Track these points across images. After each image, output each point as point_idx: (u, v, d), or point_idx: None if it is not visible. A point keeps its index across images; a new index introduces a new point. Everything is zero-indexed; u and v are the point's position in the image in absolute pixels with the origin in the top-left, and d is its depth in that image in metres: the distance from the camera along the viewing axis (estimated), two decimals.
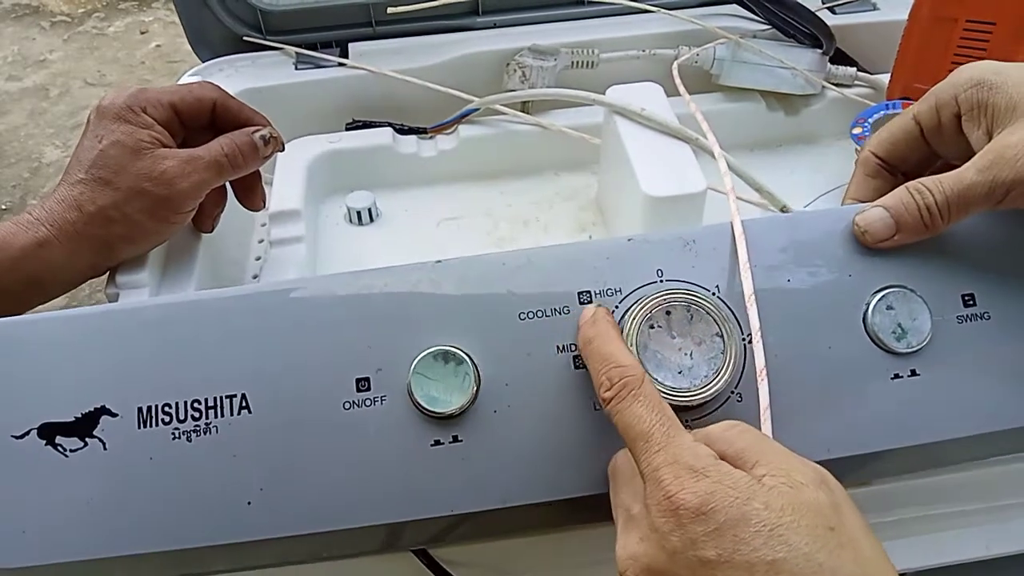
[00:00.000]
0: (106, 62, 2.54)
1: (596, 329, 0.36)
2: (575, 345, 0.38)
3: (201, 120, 0.53)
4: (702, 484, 0.30)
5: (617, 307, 0.38)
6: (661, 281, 0.39)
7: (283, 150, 0.55)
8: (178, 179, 0.49)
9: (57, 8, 2.77)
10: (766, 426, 0.36)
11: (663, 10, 0.75)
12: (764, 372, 0.36)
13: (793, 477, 0.30)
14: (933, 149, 0.42)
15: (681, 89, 0.61)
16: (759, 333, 0.37)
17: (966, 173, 0.37)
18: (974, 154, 0.38)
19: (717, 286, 0.39)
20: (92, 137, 0.49)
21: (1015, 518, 0.47)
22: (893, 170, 0.43)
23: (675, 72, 0.63)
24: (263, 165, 0.55)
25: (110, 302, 0.49)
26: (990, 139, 0.38)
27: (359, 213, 0.66)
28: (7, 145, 2.25)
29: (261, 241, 0.63)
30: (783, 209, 0.57)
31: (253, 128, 0.54)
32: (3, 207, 2.07)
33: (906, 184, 0.38)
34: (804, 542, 0.28)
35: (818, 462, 0.36)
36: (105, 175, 0.48)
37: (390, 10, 0.73)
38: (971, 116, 0.39)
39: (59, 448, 0.37)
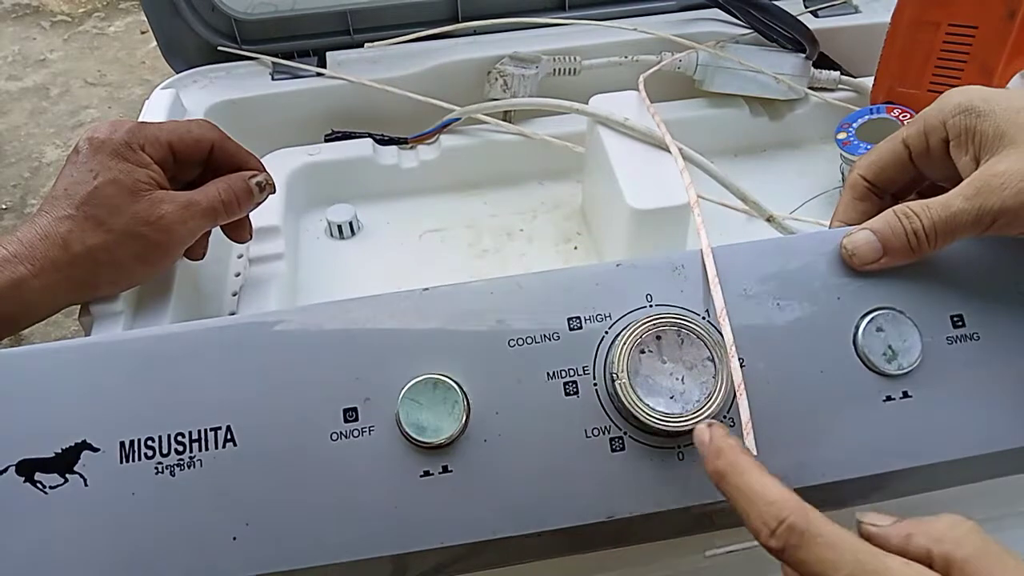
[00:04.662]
0: (106, 62, 2.50)
1: (725, 461, 0.32)
2: (566, 371, 0.37)
3: (196, 159, 0.51)
4: None
5: (607, 332, 0.38)
6: (651, 306, 0.38)
7: (274, 192, 0.54)
8: (175, 225, 0.47)
9: (57, 8, 2.73)
10: (749, 440, 0.36)
11: (645, 16, 0.75)
12: (750, 425, 0.36)
13: None
14: (921, 171, 0.42)
15: (646, 102, 0.60)
16: (742, 387, 0.36)
17: (954, 200, 0.37)
18: (961, 177, 0.38)
19: (707, 310, 0.38)
20: (84, 171, 0.46)
21: (1009, 528, 0.47)
22: (881, 192, 0.43)
23: (640, 85, 0.62)
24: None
25: (84, 329, 0.48)
26: (977, 165, 0.38)
27: (340, 227, 0.65)
28: (7, 145, 2.22)
29: (240, 257, 0.62)
30: (769, 219, 0.57)
31: (249, 173, 0.52)
32: (3, 207, 2.04)
33: (894, 208, 0.38)
34: None
35: (814, 487, 0.36)
36: (99, 214, 0.45)
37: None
38: (959, 142, 0.39)
39: (38, 485, 0.36)
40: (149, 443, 0.36)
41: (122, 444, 0.36)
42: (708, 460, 0.33)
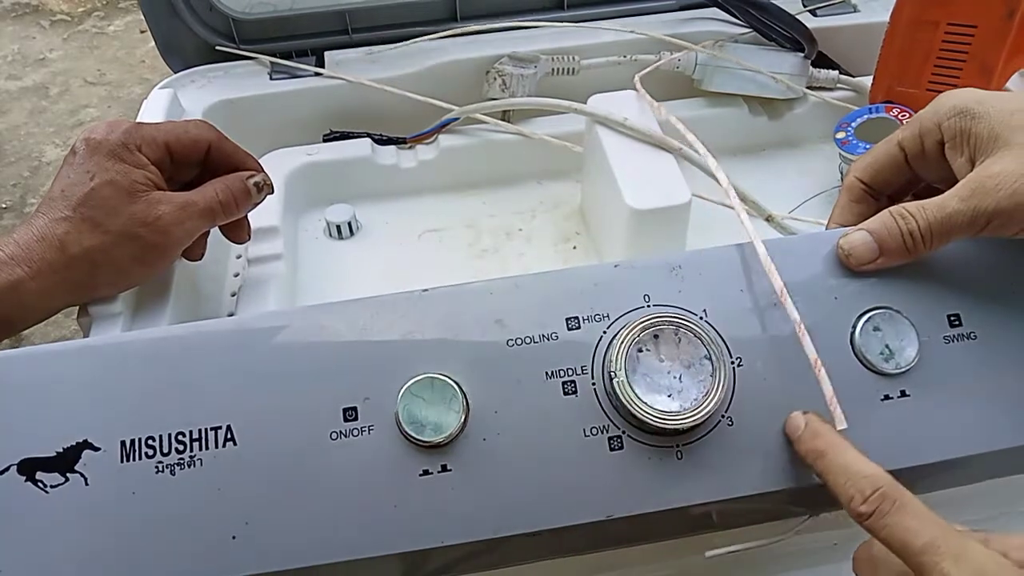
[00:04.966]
0: (106, 61, 2.50)
1: (824, 441, 0.35)
2: (565, 371, 0.38)
3: (193, 159, 0.51)
4: None
5: (605, 332, 0.38)
6: (648, 306, 0.39)
7: (272, 192, 0.54)
8: (172, 226, 0.47)
9: (57, 7, 2.72)
10: (837, 412, 0.36)
11: (644, 15, 0.75)
12: (835, 400, 0.36)
13: None
14: (916, 173, 0.42)
15: (647, 99, 0.60)
16: (819, 363, 0.37)
17: (949, 201, 0.37)
18: (957, 179, 0.38)
19: (704, 310, 0.39)
20: (81, 172, 0.46)
21: (1011, 527, 0.47)
22: (877, 194, 0.43)
23: (637, 84, 0.62)
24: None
25: (83, 329, 0.49)
26: (972, 167, 0.38)
27: (339, 227, 0.65)
28: (7, 144, 2.22)
29: (239, 257, 0.62)
30: (768, 218, 0.57)
31: (247, 173, 0.52)
32: (3, 206, 2.04)
33: (890, 209, 0.39)
34: None
35: (812, 487, 0.37)
36: (95, 215, 0.45)
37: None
38: (954, 144, 0.39)
39: (40, 484, 0.36)
40: (150, 442, 0.36)
41: (123, 443, 0.36)
42: (805, 440, 0.36)
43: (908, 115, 0.63)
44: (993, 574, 0.29)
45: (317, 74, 0.72)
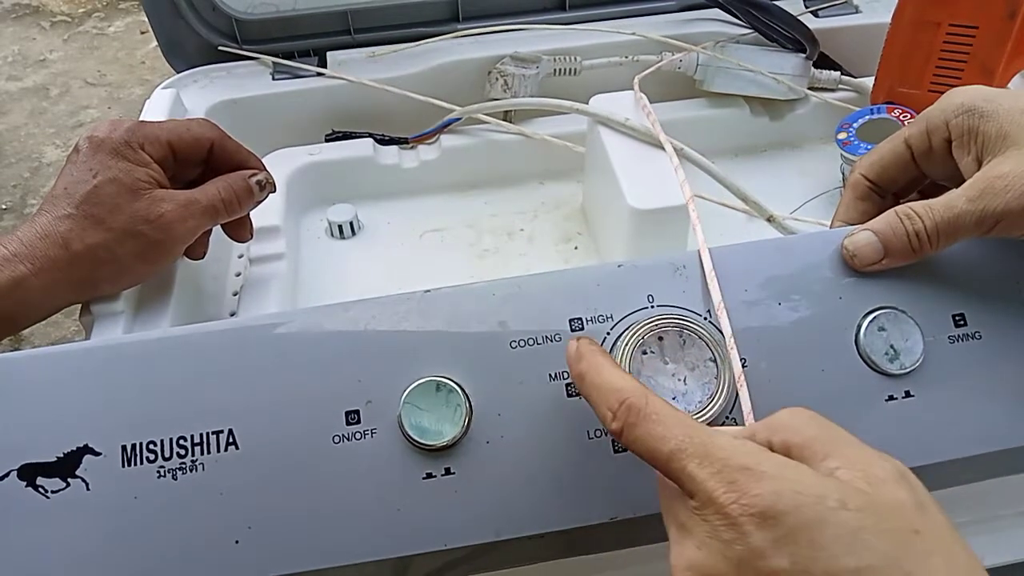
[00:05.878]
0: (106, 62, 2.51)
1: (585, 364, 0.33)
2: (568, 373, 0.37)
3: (196, 158, 0.51)
4: (765, 484, 0.26)
5: (609, 333, 0.38)
6: (652, 307, 0.38)
7: (275, 191, 0.54)
8: (175, 223, 0.47)
9: (57, 8, 2.74)
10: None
11: (645, 16, 0.75)
12: (751, 416, 0.36)
13: (871, 472, 0.27)
14: (923, 171, 0.42)
15: (642, 101, 0.60)
16: (742, 379, 0.36)
17: (956, 201, 0.37)
18: (963, 177, 0.38)
19: (708, 311, 0.38)
20: (84, 170, 0.46)
21: (1010, 528, 0.47)
22: (883, 192, 0.43)
23: (635, 85, 0.62)
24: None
25: (85, 329, 0.48)
26: (979, 166, 0.37)
27: (340, 227, 0.65)
28: (7, 145, 2.23)
29: (241, 256, 0.62)
30: (770, 219, 0.57)
31: (249, 172, 0.52)
32: (3, 207, 2.05)
33: (895, 208, 0.38)
34: (890, 547, 0.25)
35: None
36: (98, 213, 0.45)
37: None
38: (961, 142, 0.39)
39: (40, 489, 0.36)
40: (151, 447, 0.36)
41: (124, 448, 0.36)
42: (571, 367, 0.34)
43: (910, 116, 0.63)
44: (736, 463, 0.27)
45: (319, 74, 0.72)
